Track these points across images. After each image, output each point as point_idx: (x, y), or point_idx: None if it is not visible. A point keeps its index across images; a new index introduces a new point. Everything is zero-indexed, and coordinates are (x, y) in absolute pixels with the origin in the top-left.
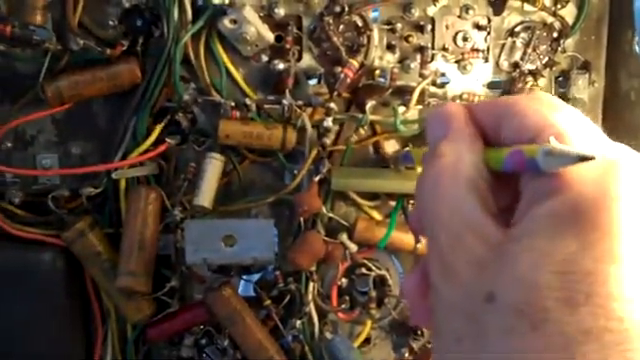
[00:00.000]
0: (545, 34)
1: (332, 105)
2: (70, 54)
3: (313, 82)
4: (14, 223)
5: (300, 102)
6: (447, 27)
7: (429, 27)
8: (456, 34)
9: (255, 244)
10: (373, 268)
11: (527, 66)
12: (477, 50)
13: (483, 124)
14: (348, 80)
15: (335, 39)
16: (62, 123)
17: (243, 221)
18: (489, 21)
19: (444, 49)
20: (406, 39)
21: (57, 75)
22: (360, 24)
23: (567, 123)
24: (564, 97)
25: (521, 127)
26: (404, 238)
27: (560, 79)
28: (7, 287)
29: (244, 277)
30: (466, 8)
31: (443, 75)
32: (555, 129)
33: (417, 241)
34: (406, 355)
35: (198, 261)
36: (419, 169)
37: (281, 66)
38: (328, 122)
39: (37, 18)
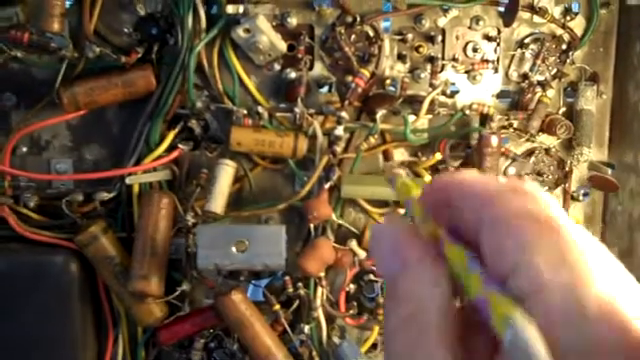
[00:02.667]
0: (554, 46)
1: (343, 114)
2: (86, 61)
3: (324, 90)
4: (28, 226)
5: (312, 110)
6: (457, 38)
7: (439, 38)
8: (466, 45)
9: (266, 250)
10: None
11: (536, 77)
12: (487, 61)
13: (458, 214)
14: (359, 89)
15: (347, 49)
16: (77, 129)
17: (254, 227)
18: (499, 32)
19: (454, 59)
20: (417, 49)
21: (73, 82)
22: (371, 34)
23: (554, 262)
24: (572, 108)
25: (500, 249)
26: None
27: (568, 90)
28: (21, 289)
29: (253, 282)
30: (476, 19)
31: (453, 85)
32: (539, 277)
33: None
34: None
35: (209, 266)
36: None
37: (293, 75)
38: (339, 130)
39: (54, 26)
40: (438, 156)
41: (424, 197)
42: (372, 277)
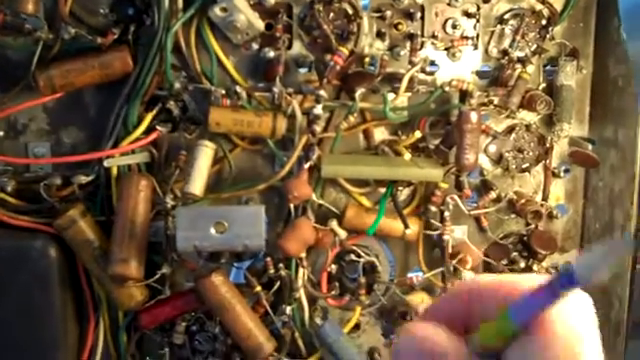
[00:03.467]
0: (534, 21)
1: (322, 92)
2: (62, 43)
3: (304, 70)
4: (6, 211)
5: (290, 90)
6: (437, 14)
7: (419, 15)
8: (445, 21)
9: (245, 231)
10: (362, 255)
11: (516, 53)
12: (466, 37)
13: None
14: (338, 68)
15: (325, 27)
16: (54, 112)
17: (233, 208)
18: (478, 8)
19: (433, 36)
20: (396, 27)
21: (49, 64)
22: (350, 12)
23: None
24: (552, 84)
25: None
26: (393, 224)
27: (548, 66)
28: (0, 274)
29: (235, 264)
30: None
31: (433, 62)
32: None
33: (406, 227)
34: (395, 341)
35: (189, 248)
36: None
37: (271, 54)
38: (318, 109)
39: (29, 7)
40: (418, 134)
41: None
42: (354, 257)
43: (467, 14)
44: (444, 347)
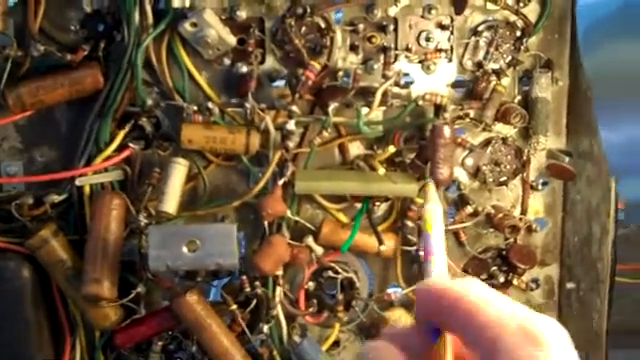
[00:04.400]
0: (508, 33)
1: (294, 108)
2: (31, 60)
3: (280, 83)
4: None
5: (263, 105)
6: (410, 27)
7: (392, 27)
8: (419, 34)
9: (218, 249)
10: (340, 271)
11: (491, 65)
12: (440, 50)
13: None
14: (309, 82)
15: (297, 41)
16: (26, 130)
17: (206, 226)
18: (452, 20)
19: (407, 49)
20: (369, 40)
21: (18, 82)
22: (323, 25)
23: None
24: (528, 96)
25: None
26: (369, 241)
27: (524, 78)
28: None
29: (211, 283)
30: (429, 8)
31: (406, 75)
32: None
33: (380, 243)
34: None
35: (161, 267)
36: None
37: (244, 69)
38: (291, 125)
39: None
40: (392, 149)
41: (433, 305)
42: (331, 274)
43: (441, 26)
44: None
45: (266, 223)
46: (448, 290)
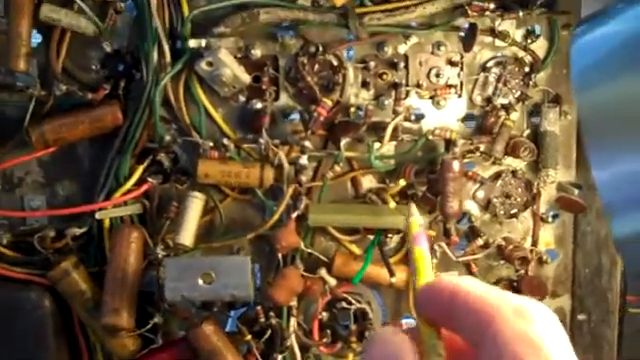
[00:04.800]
0: (517, 69)
1: (307, 143)
2: (54, 99)
3: (294, 119)
4: (1, 263)
5: (277, 141)
6: (420, 64)
7: (402, 64)
8: (429, 70)
9: (233, 281)
10: (353, 302)
11: (500, 100)
12: (450, 86)
13: (459, 324)
14: (322, 118)
15: (309, 79)
16: (48, 165)
17: (221, 259)
18: (461, 57)
19: (418, 85)
20: (380, 76)
21: (41, 119)
22: (335, 63)
23: None
24: (537, 130)
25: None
26: (381, 272)
27: (533, 112)
28: None
29: (229, 313)
30: (438, 45)
31: (417, 111)
32: None
33: (391, 275)
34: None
35: (177, 298)
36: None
37: (259, 105)
38: (303, 160)
39: (20, 65)
40: (402, 182)
41: (428, 294)
42: (345, 305)
43: (451, 63)
44: (400, 349)
45: (280, 255)
46: (446, 284)
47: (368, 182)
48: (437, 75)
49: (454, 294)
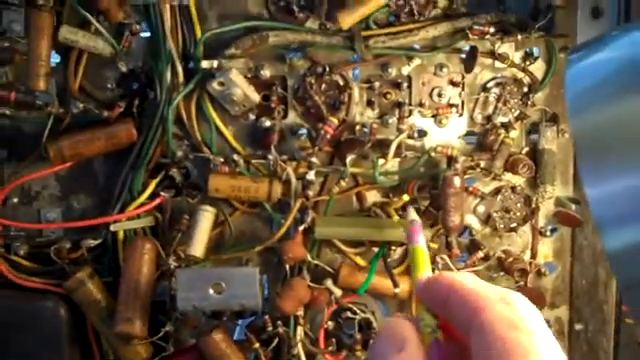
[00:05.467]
0: (516, 89)
1: (314, 159)
2: (72, 116)
3: (301, 135)
4: (19, 273)
5: (285, 157)
6: (423, 84)
7: (405, 84)
8: (432, 90)
9: (242, 291)
10: (358, 312)
11: (499, 119)
12: (452, 105)
13: (452, 313)
14: (328, 136)
15: (316, 98)
16: (65, 179)
17: (230, 270)
18: (463, 77)
19: (421, 105)
20: (384, 96)
21: (59, 135)
22: (341, 83)
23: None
24: (535, 147)
25: (484, 354)
26: (385, 283)
27: (532, 130)
28: (13, 333)
29: (236, 322)
30: (440, 66)
31: (420, 129)
32: None
33: (395, 285)
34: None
35: (188, 307)
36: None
37: (268, 123)
38: (311, 175)
39: (40, 84)
40: (405, 197)
41: (426, 288)
42: (350, 314)
43: (452, 83)
44: (406, 335)
45: (287, 266)
46: (444, 278)
47: (372, 197)
48: (439, 95)
49: (450, 287)
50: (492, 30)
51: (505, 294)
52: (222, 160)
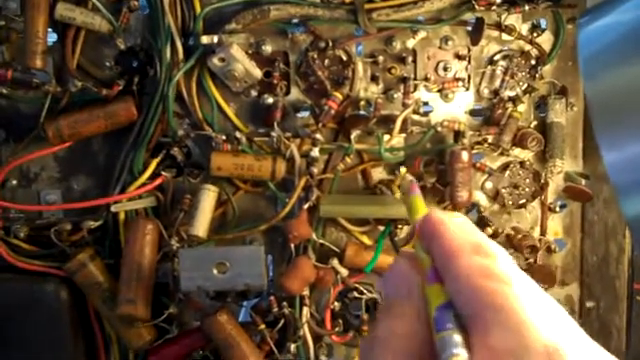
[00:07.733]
0: (523, 62)
1: (318, 136)
2: (70, 95)
3: (304, 113)
4: (19, 256)
5: (288, 134)
6: (428, 58)
7: (410, 59)
8: (437, 64)
9: (246, 271)
10: (365, 292)
11: (507, 93)
12: (458, 79)
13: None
14: (332, 112)
15: (320, 73)
16: (64, 160)
17: (234, 249)
18: (469, 51)
19: (426, 79)
20: (389, 70)
21: (57, 115)
22: (344, 58)
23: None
24: (544, 121)
25: (458, 299)
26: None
27: (540, 104)
28: (13, 317)
29: (242, 303)
30: (446, 39)
31: (426, 104)
32: (487, 331)
33: None
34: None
35: (192, 288)
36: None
37: (270, 100)
38: (315, 152)
39: (37, 62)
40: (408, 176)
41: (420, 228)
42: (356, 294)
43: (458, 56)
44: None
45: (292, 246)
46: (433, 217)
47: (378, 174)
48: (445, 69)
49: (435, 226)
50: (498, 1)
51: (479, 242)
52: (224, 138)
